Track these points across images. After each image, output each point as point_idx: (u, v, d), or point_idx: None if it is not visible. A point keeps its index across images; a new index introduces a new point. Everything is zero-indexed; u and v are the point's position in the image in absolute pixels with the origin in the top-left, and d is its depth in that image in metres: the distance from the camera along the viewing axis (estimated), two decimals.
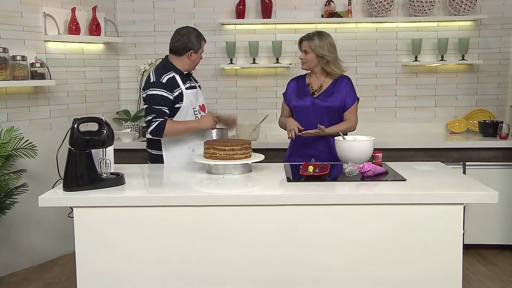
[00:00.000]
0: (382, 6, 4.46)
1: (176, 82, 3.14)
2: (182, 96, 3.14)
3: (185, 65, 3.20)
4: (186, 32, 3.17)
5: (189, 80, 3.27)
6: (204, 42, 3.24)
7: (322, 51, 3.22)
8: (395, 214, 2.37)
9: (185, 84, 3.19)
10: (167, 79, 3.11)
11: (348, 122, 3.27)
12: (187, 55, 3.17)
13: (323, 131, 3.16)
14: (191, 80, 3.29)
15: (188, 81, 3.24)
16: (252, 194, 2.43)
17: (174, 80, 3.13)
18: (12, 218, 3.80)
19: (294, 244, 2.40)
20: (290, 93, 3.40)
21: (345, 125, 3.25)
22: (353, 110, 3.28)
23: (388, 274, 2.40)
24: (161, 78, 3.10)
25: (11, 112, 3.81)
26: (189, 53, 3.17)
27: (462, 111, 4.64)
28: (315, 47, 3.22)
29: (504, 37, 4.53)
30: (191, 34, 3.17)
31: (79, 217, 2.39)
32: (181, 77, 3.18)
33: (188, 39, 3.16)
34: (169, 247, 2.41)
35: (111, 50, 4.61)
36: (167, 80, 3.10)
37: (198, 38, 3.19)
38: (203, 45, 3.23)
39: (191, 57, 3.18)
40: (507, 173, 4.06)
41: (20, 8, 3.84)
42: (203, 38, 3.24)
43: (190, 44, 3.15)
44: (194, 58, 3.19)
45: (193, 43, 3.16)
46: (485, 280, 3.65)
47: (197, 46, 3.18)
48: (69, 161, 2.42)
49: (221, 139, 3.14)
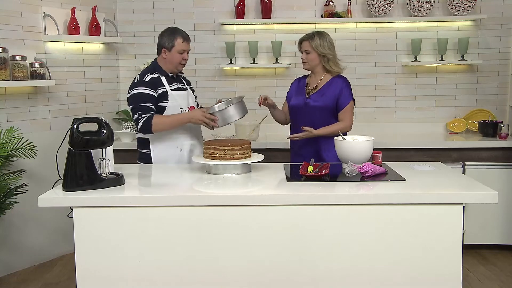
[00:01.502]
0: (382, 6, 4.46)
1: (160, 82, 3.16)
2: (167, 96, 3.16)
3: (166, 64, 3.20)
4: (163, 32, 3.21)
5: (177, 82, 3.27)
6: (182, 40, 3.15)
7: (324, 50, 3.23)
8: (394, 214, 2.37)
9: (171, 85, 3.20)
10: (150, 78, 3.15)
11: (341, 123, 3.24)
12: (162, 54, 3.19)
13: (311, 133, 3.16)
14: (180, 82, 3.29)
15: (175, 83, 3.24)
16: (251, 194, 2.43)
17: (158, 79, 3.16)
18: (12, 218, 3.80)
19: (293, 244, 2.40)
20: (291, 93, 3.42)
21: (338, 126, 3.21)
22: (347, 111, 3.25)
23: (387, 274, 2.40)
24: (144, 77, 3.14)
25: (11, 112, 3.81)
26: (162, 52, 3.18)
27: (461, 111, 4.64)
28: (316, 46, 3.22)
29: (504, 37, 4.53)
30: (165, 32, 3.20)
31: (78, 217, 2.39)
32: (166, 78, 3.20)
33: (161, 37, 3.19)
34: (169, 247, 2.41)
35: (111, 50, 4.61)
36: (150, 79, 3.14)
37: (171, 35, 3.16)
38: (178, 42, 3.14)
39: (166, 56, 3.17)
40: (506, 173, 4.07)
41: (19, 8, 3.84)
42: (181, 35, 3.15)
43: (162, 42, 3.18)
44: (169, 56, 3.16)
45: (164, 41, 3.17)
46: (485, 280, 3.65)
47: (169, 44, 3.14)
48: (69, 161, 2.42)
49: (221, 139, 3.13)
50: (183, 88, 3.28)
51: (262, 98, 3.31)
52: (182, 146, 3.23)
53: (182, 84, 3.30)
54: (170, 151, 3.21)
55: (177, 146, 3.23)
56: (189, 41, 3.21)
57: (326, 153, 3.21)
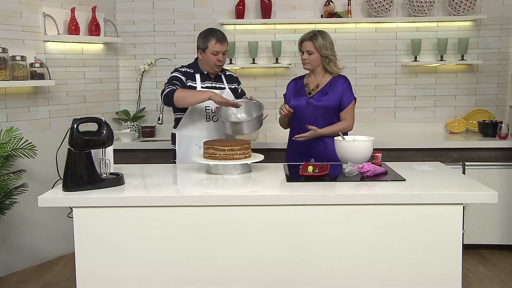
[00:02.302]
0: (382, 6, 4.46)
1: (193, 77, 3.30)
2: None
3: (202, 64, 3.34)
4: (200, 33, 3.34)
5: (214, 81, 3.36)
6: (215, 41, 3.24)
7: (326, 51, 3.22)
8: (394, 214, 2.37)
9: (203, 83, 3.31)
10: (185, 70, 3.34)
11: (344, 122, 3.26)
12: (198, 55, 3.32)
13: (316, 132, 3.16)
14: (218, 82, 3.37)
15: (210, 81, 3.34)
16: (251, 194, 2.43)
17: (192, 74, 3.32)
18: (12, 218, 3.80)
19: (293, 244, 2.40)
20: (289, 94, 3.41)
21: (341, 125, 3.23)
22: (349, 110, 3.26)
23: (387, 274, 2.40)
24: (180, 67, 3.37)
25: (11, 112, 3.81)
26: (198, 53, 3.32)
27: (461, 111, 4.64)
28: (320, 47, 3.20)
29: (504, 37, 4.53)
30: (201, 33, 3.33)
31: (78, 217, 2.39)
32: (201, 76, 3.32)
33: (198, 39, 3.33)
34: (168, 247, 2.40)
35: (111, 50, 4.61)
36: (185, 71, 3.33)
37: (204, 37, 3.28)
38: (211, 44, 3.24)
39: (201, 57, 3.30)
40: (506, 173, 4.07)
41: (19, 8, 3.84)
42: (214, 37, 3.25)
43: (198, 43, 3.33)
44: (204, 57, 3.30)
45: (199, 42, 3.30)
46: (485, 280, 3.65)
47: (203, 45, 3.27)
48: (69, 161, 2.42)
49: (221, 139, 3.13)
50: (218, 88, 3.35)
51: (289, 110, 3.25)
52: (201, 144, 3.27)
53: (220, 83, 3.38)
54: (191, 149, 3.34)
55: (196, 143, 3.34)
56: (224, 42, 3.29)
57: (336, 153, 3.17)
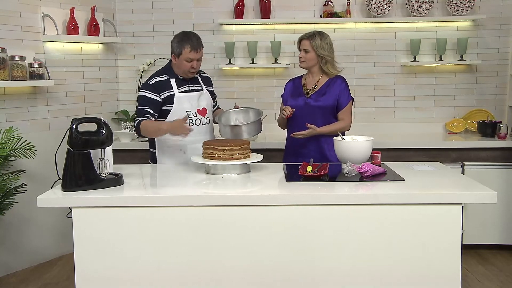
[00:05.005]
0: (381, 6, 4.46)
1: (168, 85, 3.14)
2: (173, 99, 3.13)
3: (176, 68, 3.18)
4: (175, 36, 3.16)
5: (191, 83, 3.22)
6: (190, 49, 3.05)
7: (323, 51, 3.23)
8: (393, 214, 2.37)
9: (180, 88, 3.16)
10: (156, 81, 3.14)
11: (341, 122, 3.27)
12: (172, 58, 3.16)
13: (315, 130, 3.17)
14: (194, 84, 3.23)
15: (187, 84, 3.20)
16: (251, 194, 2.43)
17: (166, 82, 3.14)
18: (11, 218, 3.80)
19: (292, 244, 2.40)
20: (286, 94, 3.43)
21: (339, 125, 3.25)
22: (347, 110, 3.28)
23: (386, 274, 2.40)
24: (151, 80, 3.16)
25: (10, 112, 3.81)
26: (172, 57, 3.15)
27: (460, 111, 4.64)
28: (316, 46, 3.23)
29: (503, 37, 4.54)
30: (176, 37, 3.14)
31: (78, 218, 2.39)
32: (177, 80, 3.17)
33: (172, 42, 3.15)
34: (168, 248, 2.40)
35: (110, 50, 4.61)
36: (156, 83, 3.14)
37: (179, 43, 3.09)
38: (185, 51, 3.05)
39: (175, 61, 3.14)
40: (505, 173, 4.07)
41: (18, 8, 3.84)
42: (189, 44, 3.05)
43: (172, 46, 3.15)
44: (178, 62, 3.12)
45: (173, 47, 3.13)
46: (484, 280, 3.65)
47: (177, 50, 3.08)
48: (68, 161, 2.42)
49: (220, 139, 3.13)
50: (196, 90, 3.22)
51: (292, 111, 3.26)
52: (185, 149, 3.20)
53: (197, 85, 3.24)
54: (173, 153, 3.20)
55: (180, 148, 3.19)
56: (200, 49, 3.09)
57: (330, 153, 3.21)
